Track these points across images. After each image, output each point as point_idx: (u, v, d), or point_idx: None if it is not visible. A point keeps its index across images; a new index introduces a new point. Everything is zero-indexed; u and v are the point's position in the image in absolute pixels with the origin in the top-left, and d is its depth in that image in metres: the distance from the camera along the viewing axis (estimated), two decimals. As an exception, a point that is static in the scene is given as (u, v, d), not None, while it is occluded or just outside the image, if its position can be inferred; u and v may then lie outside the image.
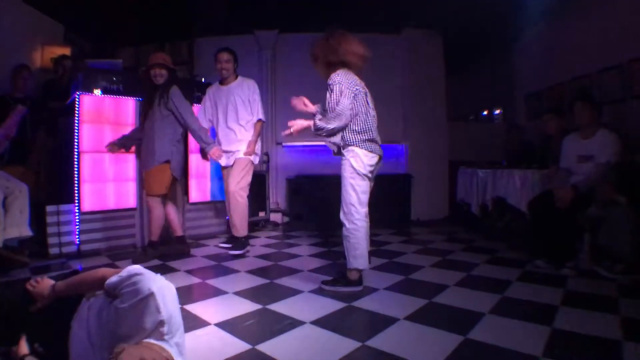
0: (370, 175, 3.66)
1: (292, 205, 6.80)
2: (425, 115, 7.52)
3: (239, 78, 5.01)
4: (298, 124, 3.52)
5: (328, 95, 3.53)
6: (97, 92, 4.89)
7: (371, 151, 3.60)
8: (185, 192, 5.68)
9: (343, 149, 3.59)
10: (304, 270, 4.04)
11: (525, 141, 6.70)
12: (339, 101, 3.46)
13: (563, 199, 3.82)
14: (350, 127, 3.56)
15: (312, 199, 6.68)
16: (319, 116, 3.56)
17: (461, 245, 5.22)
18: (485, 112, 10.69)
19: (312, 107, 3.73)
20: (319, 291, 3.34)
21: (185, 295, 3.10)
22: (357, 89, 3.57)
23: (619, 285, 3.36)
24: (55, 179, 4.94)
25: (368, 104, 3.72)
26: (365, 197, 3.61)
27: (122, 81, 5.16)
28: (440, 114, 7.64)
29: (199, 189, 5.94)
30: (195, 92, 5.95)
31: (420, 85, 7.57)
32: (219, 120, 4.99)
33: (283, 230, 6.75)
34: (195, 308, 2.91)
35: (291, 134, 3.57)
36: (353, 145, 3.55)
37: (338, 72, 3.54)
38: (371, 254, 3.61)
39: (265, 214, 6.92)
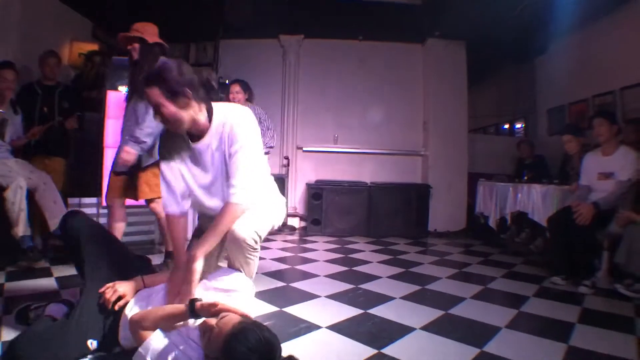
0: None
1: (310, 210, 6.83)
2: (446, 126, 7.50)
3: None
4: None
5: None
6: (122, 88, 4.99)
7: None
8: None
9: None
10: (321, 275, 4.05)
11: (537, 155, 6.70)
12: None
13: (584, 215, 3.80)
14: None
15: (332, 205, 6.71)
16: None
17: (478, 258, 5.21)
18: (506, 126, 10.63)
19: None
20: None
21: (204, 294, 3.12)
22: None
23: (637, 305, 3.33)
24: (77, 172, 5.01)
25: None
26: None
27: (148, 79, 5.25)
28: (461, 125, 7.61)
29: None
30: (219, 94, 6.04)
31: (442, 95, 7.56)
32: None
33: (300, 234, 6.81)
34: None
35: None
36: None
37: None
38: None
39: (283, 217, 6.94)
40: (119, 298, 2.06)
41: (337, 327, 2.67)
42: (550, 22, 6.47)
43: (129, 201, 5.01)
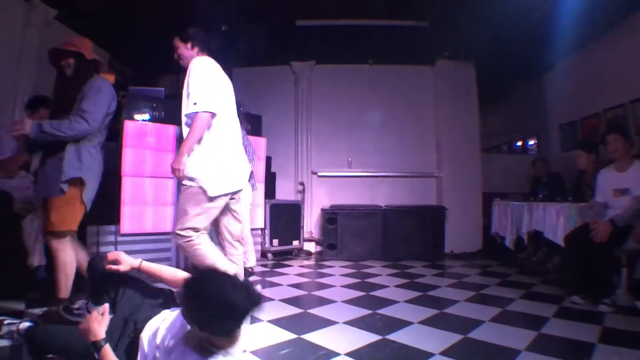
0: None
1: (326, 234, 6.85)
2: (459, 147, 7.52)
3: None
4: None
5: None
6: (140, 118, 5.13)
7: None
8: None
9: None
10: (338, 301, 4.05)
11: (553, 173, 6.68)
12: None
13: (601, 233, 3.77)
14: None
15: (347, 229, 6.72)
16: None
17: (496, 279, 5.16)
18: (519, 143, 10.61)
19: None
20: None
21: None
22: None
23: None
24: (96, 199, 5.10)
25: None
26: None
27: (164, 108, 5.40)
28: (474, 145, 7.62)
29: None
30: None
31: (454, 116, 7.59)
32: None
33: (316, 259, 6.82)
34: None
35: None
36: None
37: None
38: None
39: (299, 242, 7.00)
40: (116, 262, 2.23)
41: (356, 354, 2.67)
42: (556, 39, 6.49)
43: (146, 227, 5.10)
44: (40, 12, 5.41)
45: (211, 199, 2.95)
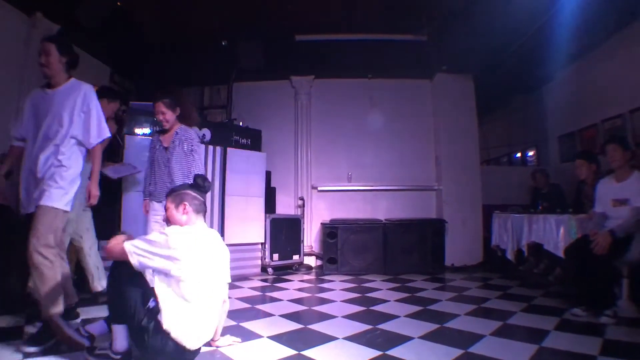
0: None
1: (326, 249, 6.84)
2: (458, 160, 7.54)
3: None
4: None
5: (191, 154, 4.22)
6: (140, 132, 5.22)
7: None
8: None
9: None
10: (338, 316, 4.03)
11: (553, 184, 6.68)
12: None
13: (601, 244, 3.76)
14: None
15: (347, 243, 6.71)
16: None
17: (497, 292, 5.14)
18: (518, 154, 10.62)
19: None
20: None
21: (219, 338, 3.10)
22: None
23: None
24: (98, 217, 5.09)
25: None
26: None
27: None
28: (473, 157, 7.64)
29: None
30: (233, 136, 6.19)
31: (453, 129, 7.62)
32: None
33: (316, 273, 6.81)
34: (229, 350, 2.96)
35: None
36: None
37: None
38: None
39: (300, 257, 6.99)
40: None
41: (356, 370, 2.64)
42: (554, 51, 6.54)
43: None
44: (43, 27, 5.44)
45: None
